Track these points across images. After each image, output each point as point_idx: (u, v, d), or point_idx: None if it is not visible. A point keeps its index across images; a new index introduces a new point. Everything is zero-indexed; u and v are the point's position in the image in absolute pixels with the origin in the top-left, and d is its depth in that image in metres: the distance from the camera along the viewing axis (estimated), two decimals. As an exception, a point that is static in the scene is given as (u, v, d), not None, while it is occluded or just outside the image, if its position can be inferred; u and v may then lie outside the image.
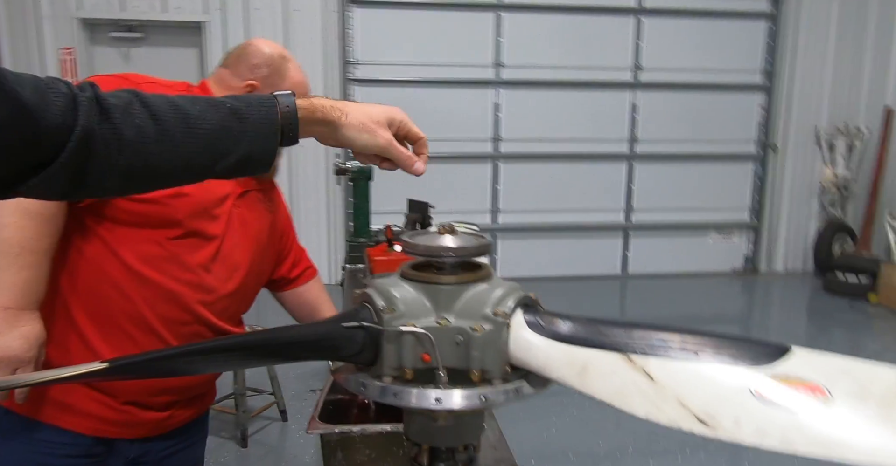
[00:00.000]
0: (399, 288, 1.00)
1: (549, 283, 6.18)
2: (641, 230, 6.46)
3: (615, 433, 3.39)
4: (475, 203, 6.15)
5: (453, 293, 0.99)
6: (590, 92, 6.12)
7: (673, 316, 5.45)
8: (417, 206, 3.58)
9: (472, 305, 0.98)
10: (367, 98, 5.92)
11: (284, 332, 0.93)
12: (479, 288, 1.01)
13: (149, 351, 0.83)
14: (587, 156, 6.21)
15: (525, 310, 0.99)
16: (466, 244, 1.02)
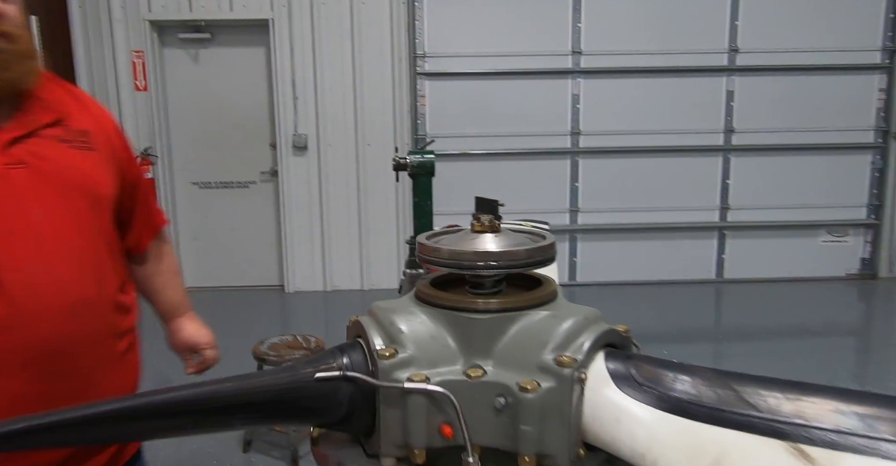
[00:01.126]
0: (409, 316, 0.65)
1: (634, 290, 5.69)
2: (739, 230, 5.85)
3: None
4: (552, 202, 5.72)
5: (493, 326, 0.64)
6: (678, 78, 5.58)
7: (778, 326, 4.86)
8: (485, 205, 3.21)
9: (522, 346, 0.62)
10: (438, 92, 5.62)
11: (225, 386, 0.59)
12: (536, 318, 0.64)
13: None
14: (676, 150, 5.66)
15: (611, 356, 0.61)
16: (516, 247, 0.66)
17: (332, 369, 0.62)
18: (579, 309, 0.65)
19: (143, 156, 5.55)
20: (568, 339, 0.60)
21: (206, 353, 1.55)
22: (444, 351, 0.62)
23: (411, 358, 0.61)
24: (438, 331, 0.64)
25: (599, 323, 0.64)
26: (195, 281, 5.98)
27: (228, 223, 5.94)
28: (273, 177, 5.82)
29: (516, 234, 0.70)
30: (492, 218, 0.68)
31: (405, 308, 0.66)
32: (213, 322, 5.17)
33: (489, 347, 0.62)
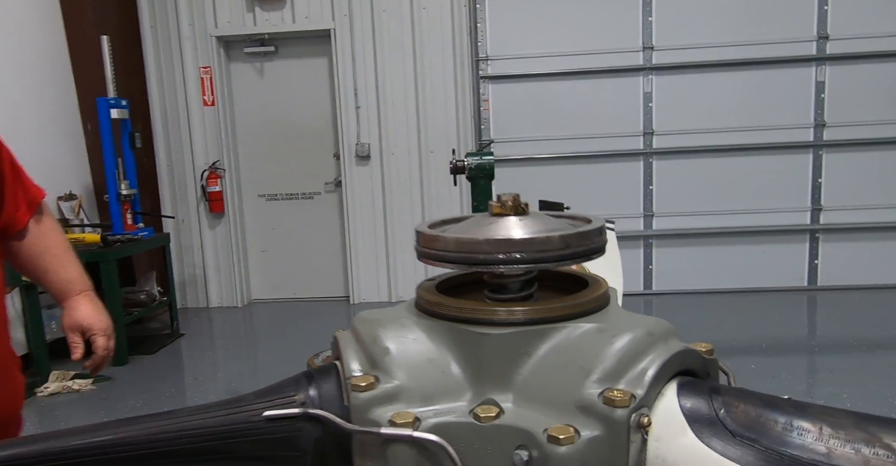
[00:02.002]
0: (400, 330, 0.47)
1: (717, 298, 5.31)
2: (834, 233, 5.37)
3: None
4: (624, 206, 5.43)
5: (515, 345, 0.45)
6: (761, 70, 5.19)
7: (880, 338, 4.39)
8: (550, 208, 3.02)
9: (555, 375, 0.43)
10: (502, 96, 5.44)
11: (139, 427, 0.43)
12: (576, 333, 0.45)
13: None
14: (760, 148, 5.26)
15: (688, 390, 0.41)
16: (548, 232, 0.47)
17: (290, 403, 0.45)
18: (640, 320, 0.46)
19: (211, 169, 5.62)
20: (623, 365, 0.41)
21: (96, 340, 1.38)
22: (444, 379, 0.45)
23: (398, 389, 0.44)
24: (439, 352, 0.46)
25: (670, 341, 0.44)
26: (263, 294, 6.00)
27: (295, 234, 5.93)
28: (337, 187, 5.78)
29: (551, 218, 0.51)
30: (516, 196, 0.50)
31: (396, 319, 0.48)
32: (278, 334, 5.16)
33: (508, 375, 0.44)
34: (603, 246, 0.49)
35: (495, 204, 0.50)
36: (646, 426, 0.39)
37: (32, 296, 3.97)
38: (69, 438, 0.42)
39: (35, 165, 4.82)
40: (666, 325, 0.46)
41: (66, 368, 4.16)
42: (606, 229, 1.61)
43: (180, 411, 0.45)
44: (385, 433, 0.41)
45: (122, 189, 4.71)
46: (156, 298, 4.99)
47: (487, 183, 2.93)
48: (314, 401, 0.45)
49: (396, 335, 0.46)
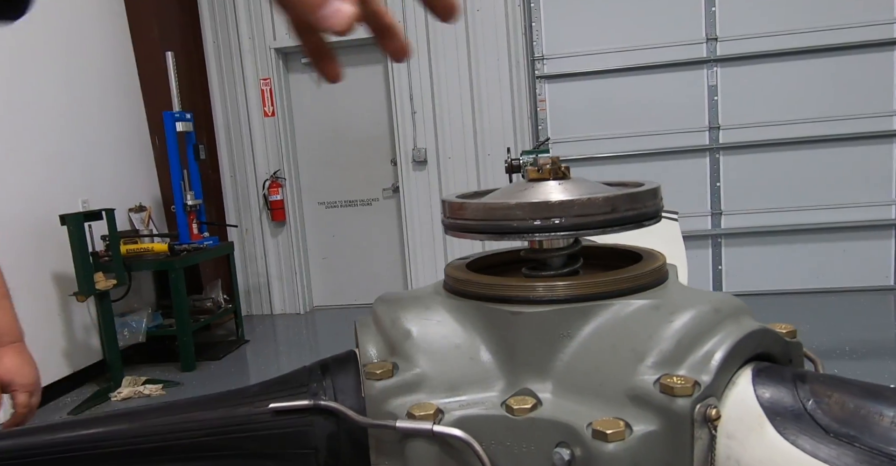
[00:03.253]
0: (423, 312, 0.41)
1: (792, 300, 5.04)
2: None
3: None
4: (691, 204, 5.22)
5: (555, 326, 0.38)
6: (835, 57, 4.91)
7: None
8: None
9: (602, 360, 0.36)
10: (559, 95, 5.33)
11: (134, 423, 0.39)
12: (627, 311, 0.37)
13: None
14: (837, 139, 4.97)
15: (766, 377, 0.33)
16: (592, 194, 0.41)
17: (298, 395, 0.40)
18: (704, 295, 0.39)
19: (272, 178, 5.72)
20: (683, 347, 0.34)
21: (17, 397, 1.19)
22: (473, 366, 0.39)
23: (418, 377, 0.38)
24: (467, 335, 0.40)
25: (741, 319, 0.37)
26: (324, 301, 6.06)
27: (354, 241, 5.96)
28: (395, 193, 5.79)
29: (596, 183, 0.45)
30: (556, 158, 0.44)
31: (420, 300, 0.43)
32: (340, 340, 5.19)
33: (547, 361, 0.38)
34: (657, 213, 0.42)
35: (532, 168, 0.44)
36: (714, 419, 0.32)
37: (106, 305, 4.11)
38: (58, 431, 0.39)
39: (108, 179, 5.03)
40: (736, 301, 0.38)
41: (138, 374, 4.29)
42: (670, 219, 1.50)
43: (179, 402, 0.40)
44: (401, 426, 0.35)
45: (188, 199, 4.84)
46: (221, 305, 5.10)
47: (544, 181, 2.85)
48: (327, 392, 0.40)
49: (418, 316, 0.41)
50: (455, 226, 0.42)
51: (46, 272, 4.14)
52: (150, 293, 5.13)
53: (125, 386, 4.09)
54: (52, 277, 4.17)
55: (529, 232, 0.39)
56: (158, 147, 5.36)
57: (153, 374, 4.32)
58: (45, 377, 3.90)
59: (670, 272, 0.44)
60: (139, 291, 4.92)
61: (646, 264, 0.42)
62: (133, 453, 0.38)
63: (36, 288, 4.05)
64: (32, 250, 4.04)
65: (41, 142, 4.22)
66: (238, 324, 5.11)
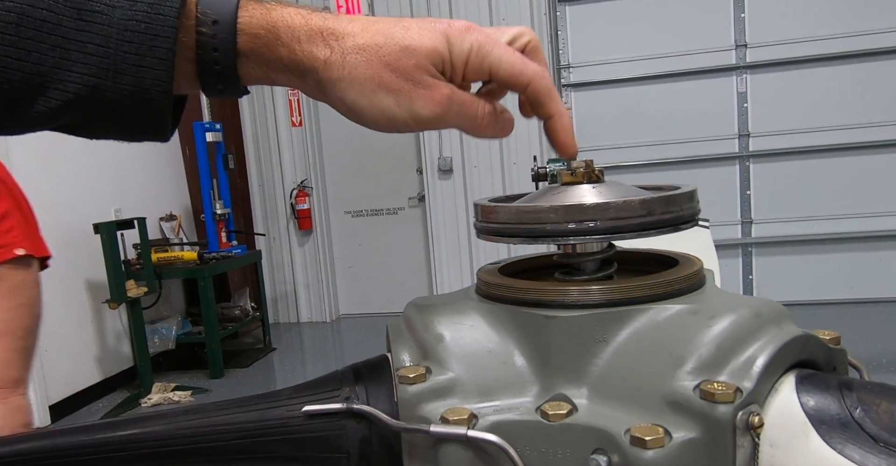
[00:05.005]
0: (456, 316, 0.41)
1: (827, 311, 4.93)
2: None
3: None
4: (720, 213, 5.15)
5: (590, 330, 0.37)
6: (867, 63, 4.82)
7: None
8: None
9: (639, 365, 0.35)
10: (585, 103, 5.31)
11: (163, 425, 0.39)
12: (665, 315, 0.37)
13: None
14: (870, 146, 4.87)
15: (810, 384, 0.32)
16: (627, 197, 0.40)
17: (331, 399, 0.39)
18: (744, 300, 0.38)
19: (299, 188, 5.77)
20: (724, 352, 0.34)
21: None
22: (506, 371, 0.38)
23: (452, 382, 0.38)
24: (500, 340, 0.39)
25: (783, 324, 0.36)
26: (350, 309, 6.08)
27: (380, 249, 5.99)
28: (421, 202, 5.80)
29: (630, 186, 0.44)
30: (589, 161, 0.43)
31: (452, 304, 0.42)
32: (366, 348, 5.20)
33: (582, 366, 0.37)
34: (695, 216, 0.41)
35: (566, 173, 0.44)
36: (756, 427, 0.31)
37: (137, 312, 4.17)
38: (91, 432, 0.39)
39: (139, 189, 5.11)
40: (777, 306, 0.37)
41: (167, 381, 4.34)
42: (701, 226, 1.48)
43: (211, 405, 0.40)
44: (435, 431, 0.35)
45: (217, 208, 4.91)
46: (249, 313, 5.15)
47: (571, 189, 2.84)
48: (360, 396, 0.40)
49: (451, 321, 0.40)
50: (487, 229, 0.42)
51: (79, 280, 4.22)
52: (180, 300, 5.20)
53: (155, 392, 4.14)
54: (84, 285, 4.25)
55: (563, 235, 0.38)
56: (189, 157, 5.45)
57: (182, 381, 4.37)
58: (76, 383, 3.98)
59: (707, 276, 0.43)
60: (169, 299, 4.99)
61: (682, 268, 0.41)
62: (165, 455, 0.38)
63: (69, 296, 4.13)
64: (66, 258, 4.12)
65: (75, 153, 4.31)
66: (265, 332, 5.15)
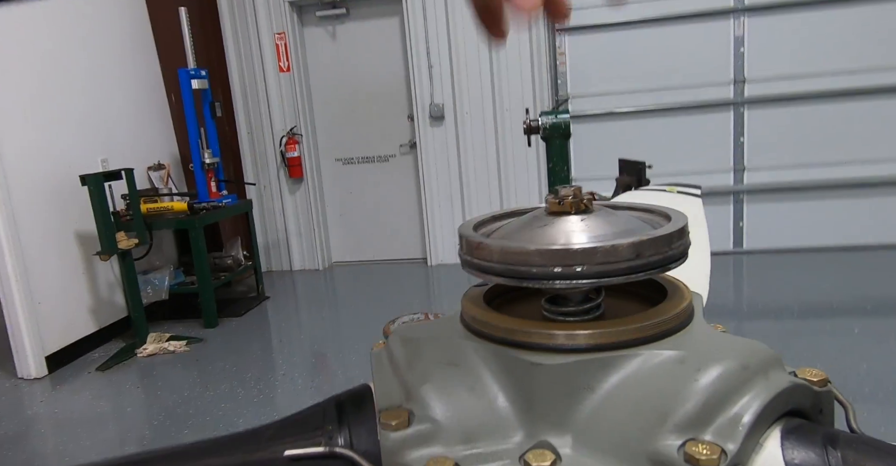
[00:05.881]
0: (440, 353, 0.40)
1: (815, 257, 4.99)
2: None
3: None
4: (712, 161, 5.12)
5: (575, 378, 0.36)
6: (866, 6, 4.70)
7: None
8: (630, 168, 2.86)
9: (623, 417, 0.35)
10: (579, 49, 5.19)
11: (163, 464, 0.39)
12: (650, 364, 0.36)
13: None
14: (868, 92, 4.81)
15: (797, 438, 0.32)
16: (616, 240, 0.38)
17: (313, 441, 0.39)
18: (732, 345, 0.37)
19: (289, 135, 5.68)
20: (710, 409, 0.33)
21: None
22: (490, 414, 0.38)
23: (434, 428, 0.37)
24: (484, 381, 0.39)
25: (771, 374, 0.35)
26: (342, 256, 6.10)
27: (372, 197, 5.96)
28: (412, 149, 5.74)
29: (620, 217, 0.42)
30: (577, 190, 0.42)
31: (437, 340, 0.41)
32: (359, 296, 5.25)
33: (567, 414, 0.37)
34: (685, 252, 0.40)
35: (552, 199, 0.42)
36: (740, 489, 0.31)
37: (128, 263, 4.17)
38: None
39: (125, 138, 5.03)
40: (765, 352, 0.37)
41: (162, 330, 4.38)
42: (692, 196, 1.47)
43: (191, 449, 0.40)
44: (425, 482, 0.35)
45: (206, 158, 4.84)
46: (241, 263, 5.16)
47: (563, 143, 2.80)
48: (343, 434, 0.39)
49: (435, 360, 0.40)
50: (472, 264, 0.40)
51: (69, 231, 4.19)
52: (172, 250, 5.19)
53: (150, 342, 4.19)
54: (75, 236, 4.23)
55: (549, 278, 0.37)
56: (175, 105, 5.33)
57: (177, 330, 4.42)
58: (72, 333, 4.02)
59: (696, 307, 0.42)
60: (160, 249, 4.98)
61: (672, 304, 0.40)
62: None
63: (60, 247, 4.11)
64: (55, 210, 4.08)
65: (59, 102, 4.21)
66: (258, 281, 5.18)
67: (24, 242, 3.83)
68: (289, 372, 3.76)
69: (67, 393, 3.66)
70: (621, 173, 2.94)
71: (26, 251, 3.84)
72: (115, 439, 3.07)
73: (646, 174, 2.85)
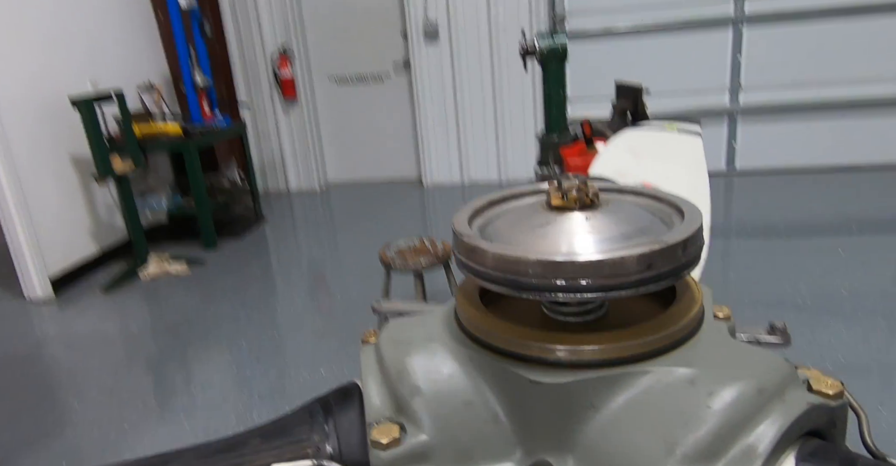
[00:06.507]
0: (433, 362, 0.37)
1: (804, 177, 4.94)
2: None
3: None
4: (709, 80, 4.97)
5: (575, 395, 0.33)
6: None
7: None
8: (627, 91, 2.75)
9: (629, 443, 0.31)
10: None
11: None
12: (662, 384, 0.32)
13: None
14: (866, 9, 4.60)
15: (813, 459, 0.27)
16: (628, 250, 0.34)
17: (301, 453, 0.36)
18: (746, 360, 0.34)
19: (281, 53, 5.46)
20: (722, 440, 0.30)
21: None
22: (486, 431, 0.35)
23: (427, 446, 0.34)
24: (480, 394, 0.36)
25: (788, 396, 0.32)
26: (337, 176, 6.03)
27: (366, 117, 5.81)
28: (406, 68, 5.54)
29: (627, 213, 0.38)
30: (583, 183, 0.37)
31: (428, 345, 0.38)
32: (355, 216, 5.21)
33: (568, 433, 0.34)
34: (698, 258, 0.36)
35: (555, 193, 0.37)
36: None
37: (125, 187, 4.10)
38: None
39: (113, 56, 4.82)
40: (781, 369, 0.33)
41: (163, 251, 4.38)
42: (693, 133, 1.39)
43: (178, 455, 0.37)
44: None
45: (197, 78, 4.66)
46: (238, 184, 5.08)
47: (560, 66, 2.68)
48: (331, 440, 0.37)
49: (428, 368, 0.36)
50: (468, 267, 0.36)
51: (63, 154, 4.09)
52: (167, 173, 5.10)
53: (152, 263, 4.19)
54: (70, 159, 4.14)
55: (551, 291, 0.33)
56: (163, 23, 5.07)
57: (177, 252, 4.41)
58: (73, 255, 3.99)
59: (706, 302, 0.39)
60: (157, 171, 4.90)
61: (681, 309, 0.37)
62: None
63: (56, 171, 4.03)
64: (46, 132, 3.97)
65: (43, 20, 3.99)
66: (255, 202, 5.13)
67: (20, 166, 3.74)
68: (287, 292, 3.78)
69: (74, 314, 3.69)
70: (618, 97, 2.84)
71: (22, 175, 3.76)
72: (123, 358, 3.13)
73: (643, 98, 2.75)
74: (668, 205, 0.40)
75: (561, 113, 2.70)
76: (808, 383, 0.35)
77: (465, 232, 0.37)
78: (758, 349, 0.35)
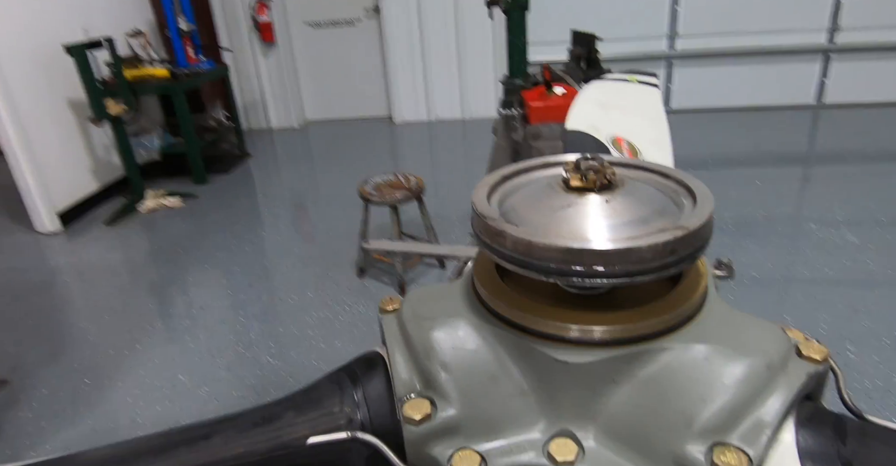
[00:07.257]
0: (457, 337, 0.34)
1: (730, 115, 4.96)
2: (846, 53, 4.77)
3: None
4: (649, 27, 4.84)
5: (596, 372, 0.30)
6: None
7: (871, 151, 4.10)
8: (582, 39, 2.66)
9: (647, 418, 0.29)
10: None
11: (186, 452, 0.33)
12: (678, 362, 0.30)
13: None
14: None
15: (809, 423, 0.28)
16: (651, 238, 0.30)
17: (335, 425, 0.34)
18: (749, 328, 0.32)
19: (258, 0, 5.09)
20: (736, 412, 0.29)
21: None
22: (511, 404, 0.33)
23: (457, 420, 0.32)
24: (504, 368, 0.33)
25: (790, 368, 0.31)
26: (314, 114, 5.81)
27: (341, 59, 5.54)
28: (376, 13, 5.24)
29: (641, 191, 0.35)
30: (602, 164, 0.33)
31: (452, 320, 0.35)
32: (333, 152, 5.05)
33: (590, 406, 0.32)
34: (710, 238, 0.33)
35: (574, 174, 0.34)
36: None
37: (120, 128, 3.87)
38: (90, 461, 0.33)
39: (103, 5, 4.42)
40: (782, 341, 0.32)
41: (159, 187, 4.21)
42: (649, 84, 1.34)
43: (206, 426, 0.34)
44: (446, 474, 0.30)
45: (181, 24, 4.33)
46: (223, 123, 4.86)
47: (521, 14, 2.55)
48: (363, 414, 0.34)
49: (454, 345, 0.34)
50: (490, 248, 0.33)
51: (60, 98, 3.82)
52: (158, 114, 4.83)
53: (149, 198, 4.04)
54: (66, 103, 3.87)
55: (578, 276, 0.30)
56: (141, -34, 4.65)
57: (171, 187, 4.25)
58: (76, 192, 3.82)
59: (711, 285, 0.36)
60: (148, 113, 4.63)
61: (690, 285, 0.34)
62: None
63: (54, 113, 3.78)
64: (43, 79, 3.68)
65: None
66: (240, 140, 4.93)
67: (21, 112, 3.50)
68: (274, 223, 3.71)
69: (81, 245, 3.57)
70: (574, 44, 2.74)
71: (24, 120, 3.51)
72: (130, 284, 3.06)
73: (595, 45, 2.66)
74: (674, 181, 0.37)
75: (522, 59, 2.60)
76: (798, 349, 0.33)
77: (488, 213, 0.33)
78: (761, 322, 0.33)
